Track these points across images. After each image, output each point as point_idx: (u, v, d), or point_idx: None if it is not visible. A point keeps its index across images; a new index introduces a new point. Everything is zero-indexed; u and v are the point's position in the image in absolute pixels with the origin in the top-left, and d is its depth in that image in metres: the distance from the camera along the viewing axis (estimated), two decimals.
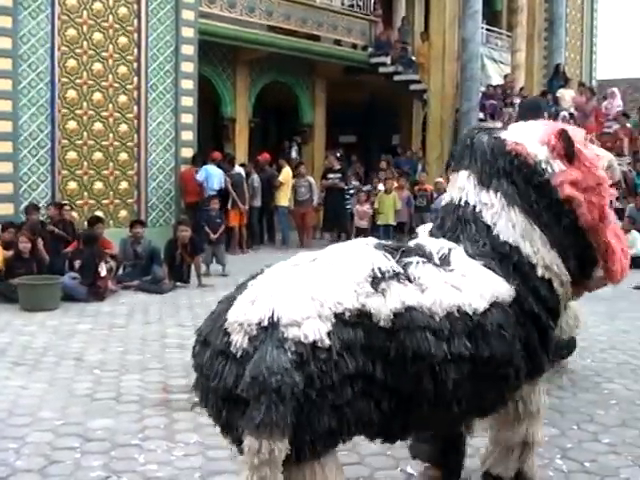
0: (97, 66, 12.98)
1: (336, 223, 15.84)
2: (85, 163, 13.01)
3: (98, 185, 13.22)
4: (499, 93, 18.45)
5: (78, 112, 12.83)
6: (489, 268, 3.24)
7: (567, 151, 3.49)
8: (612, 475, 4.42)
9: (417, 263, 3.06)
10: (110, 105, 13.20)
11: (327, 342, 2.65)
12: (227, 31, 16.24)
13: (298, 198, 15.43)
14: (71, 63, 12.67)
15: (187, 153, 14.24)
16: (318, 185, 16.08)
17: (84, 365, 6.64)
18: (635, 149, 17.07)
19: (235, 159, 15.55)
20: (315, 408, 2.64)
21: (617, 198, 15.97)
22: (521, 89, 19.52)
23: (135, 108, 13.51)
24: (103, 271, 9.80)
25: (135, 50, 13.43)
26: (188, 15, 14.19)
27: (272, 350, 2.58)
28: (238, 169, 14.71)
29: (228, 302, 2.89)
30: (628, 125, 17.77)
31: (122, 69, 13.31)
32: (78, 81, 12.77)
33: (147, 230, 11.88)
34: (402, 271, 2.98)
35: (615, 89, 20.07)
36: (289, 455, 2.60)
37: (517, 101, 18.49)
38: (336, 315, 2.72)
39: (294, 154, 18.87)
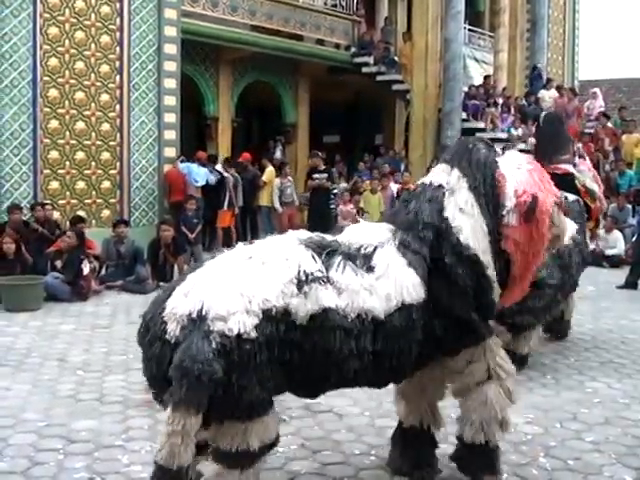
0: (79, 65, 12.88)
1: (321, 223, 15.79)
2: (67, 162, 12.90)
3: (80, 185, 13.12)
4: (481, 93, 18.50)
5: (60, 111, 12.73)
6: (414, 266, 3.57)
7: (526, 215, 3.80)
8: (596, 473, 4.46)
9: (339, 266, 3.40)
10: (92, 104, 13.11)
11: (253, 334, 3.06)
12: (210, 30, 16.21)
13: (285, 199, 15.26)
14: (53, 62, 12.56)
15: (170, 152, 14.16)
16: (300, 185, 16.06)
17: (67, 366, 6.61)
18: (616, 149, 17.19)
19: (232, 160, 15.55)
20: (237, 387, 3.06)
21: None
22: (503, 89, 19.62)
23: (117, 107, 13.42)
24: (86, 269, 9.75)
25: (117, 49, 13.34)
26: (171, 14, 14.11)
27: (198, 341, 2.99)
28: (220, 168, 14.68)
29: (169, 291, 3.28)
30: (609, 125, 17.89)
31: (104, 68, 13.22)
32: (60, 80, 12.67)
33: (130, 230, 11.82)
34: (325, 273, 3.33)
35: (597, 90, 20.24)
36: (215, 418, 3.12)
37: (500, 101, 18.61)
38: (263, 311, 3.11)
39: (278, 154, 18.85)
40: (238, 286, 3.12)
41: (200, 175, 13.92)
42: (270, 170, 15.60)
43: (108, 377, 6.27)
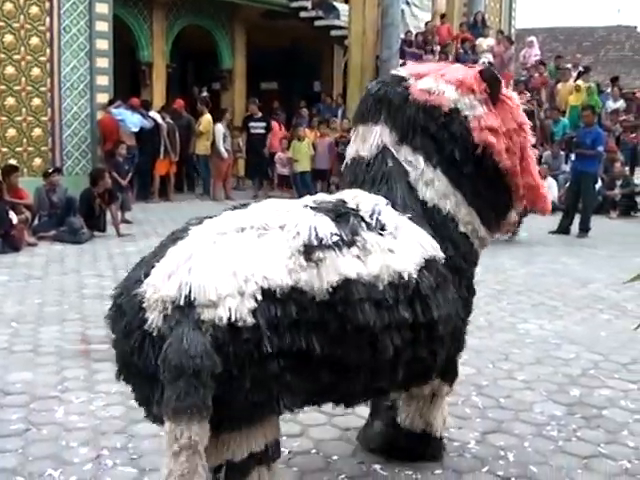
0: (8, 6, 12.36)
1: (259, 170, 15.74)
2: None
3: (11, 132, 12.72)
4: (420, 41, 18.42)
5: None
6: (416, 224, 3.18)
7: (492, 93, 3.44)
8: (526, 410, 4.61)
9: (359, 227, 2.93)
10: (22, 48, 12.64)
11: (250, 320, 2.52)
12: None
13: (228, 147, 15.12)
14: None
15: (103, 98, 13.79)
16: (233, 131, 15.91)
17: (1, 318, 6.47)
18: (551, 97, 17.42)
19: (167, 106, 15.28)
20: (235, 384, 2.55)
21: (534, 145, 16.41)
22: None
23: (48, 51, 12.97)
24: (14, 219, 9.51)
25: None
26: None
27: (189, 332, 2.46)
28: (154, 115, 14.38)
29: (146, 267, 2.74)
30: (545, 74, 18.09)
31: (34, 9, 12.71)
32: None
33: (63, 179, 11.53)
34: (343, 237, 2.83)
35: (533, 38, 20.37)
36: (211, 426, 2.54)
37: (437, 48, 18.57)
38: (264, 291, 2.57)
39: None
40: (231, 263, 2.58)
41: (134, 122, 13.60)
42: (207, 118, 15.31)
43: (42, 328, 6.17)
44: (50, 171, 11.08)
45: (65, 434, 4.16)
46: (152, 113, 14.45)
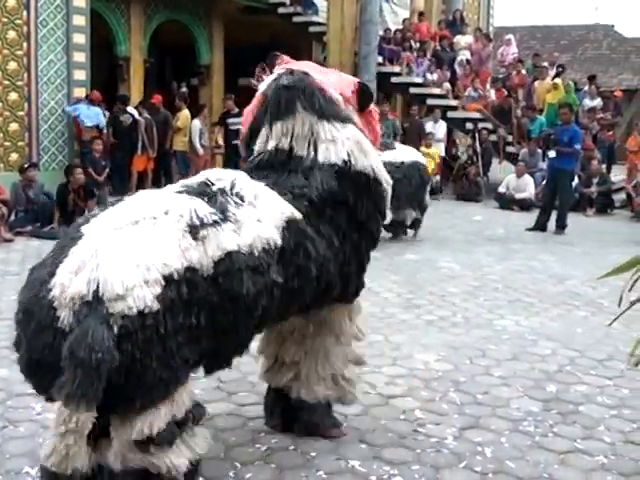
0: None
1: (237, 167, 15.66)
2: None
3: None
4: (398, 38, 18.46)
5: None
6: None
7: (362, 105, 3.95)
8: (503, 405, 4.64)
9: (227, 204, 3.15)
10: None
11: (155, 306, 2.73)
12: None
13: (204, 143, 15.05)
14: None
15: (80, 93, 13.63)
16: (211, 127, 15.84)
17: None
18: (529, 95, 17.52)
19: (144, 101, 15.15)
20: (143, 366, 2.73)
21: (510, 143, 16.51)
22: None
23: (25, 45, 12.83)
24: None
25: None
26: None
27: (95, 326, 2.62)
28: (131, 111, 14.26)
29: (49, 268, 2.86)
30: (523, 72, 18.20)
31: (11, 3, 12.52)
32: None
33: (39, 174, 11.42)
34: (219, 214, 3.06)
35: (511, 36, 20.45)
36: (123, 407, 2.79)
37: (416, 45, 18.62)
38: (165, 277, 2.78)
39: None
40: (134, 255, 2.76)
41: (89, 115, 13.30)
42: (185, 114, 15.22)
43: None
44: (26, 166, 10.97)
45: (42, 431, 4.13)
46: (129, 108, 14.33)
